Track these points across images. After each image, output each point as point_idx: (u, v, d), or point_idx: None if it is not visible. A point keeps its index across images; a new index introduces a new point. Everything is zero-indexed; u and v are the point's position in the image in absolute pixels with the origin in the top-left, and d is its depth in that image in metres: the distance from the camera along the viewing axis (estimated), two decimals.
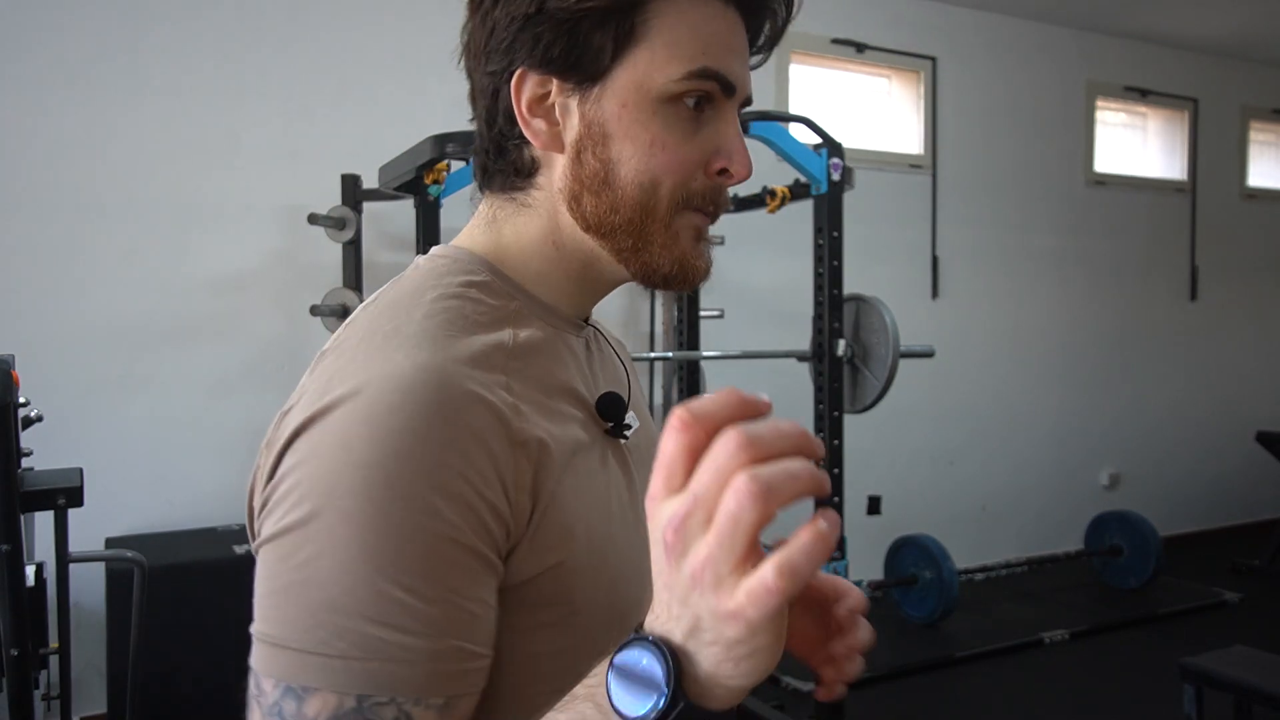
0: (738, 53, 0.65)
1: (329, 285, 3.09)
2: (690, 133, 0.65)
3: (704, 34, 0.63)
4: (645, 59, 0.63)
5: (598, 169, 0.65)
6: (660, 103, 0.63)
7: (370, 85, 3.30)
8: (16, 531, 1.50)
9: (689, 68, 0.63)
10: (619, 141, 0.64)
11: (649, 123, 0.63)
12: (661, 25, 0.63)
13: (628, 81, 0.63)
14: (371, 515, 0.52)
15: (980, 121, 4.64)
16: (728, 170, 0.66)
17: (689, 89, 0.63)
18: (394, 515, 0.52)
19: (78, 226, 2.94)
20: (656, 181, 0.64)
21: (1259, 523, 5.43)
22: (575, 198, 0.66)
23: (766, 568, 0.41)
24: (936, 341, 3.27)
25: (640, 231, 0.66)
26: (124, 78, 2.98)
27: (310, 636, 0.52)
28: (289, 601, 0.53)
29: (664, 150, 0.64)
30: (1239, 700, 2.18)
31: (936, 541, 3.86)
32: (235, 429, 3.13)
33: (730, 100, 0.66)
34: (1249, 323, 5.64)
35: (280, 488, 0.56)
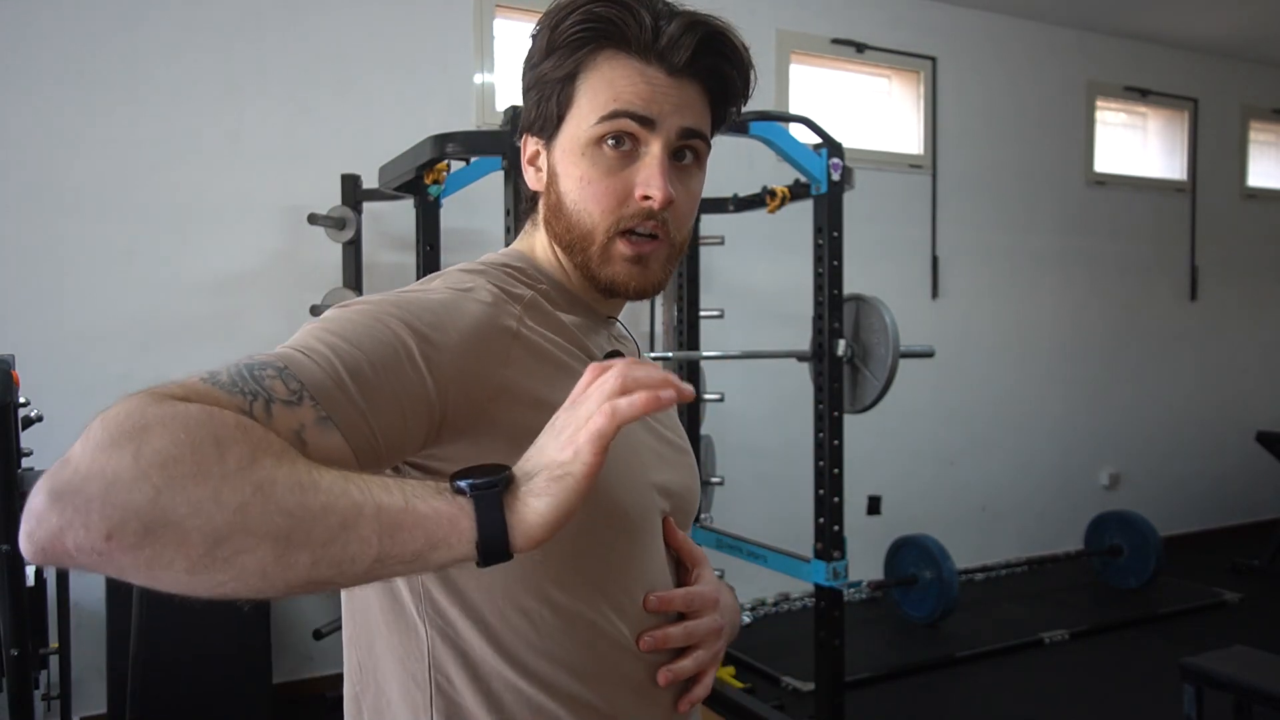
0: (658, 99, 0.79)
1: (329, 285, 3.09)
2: (616, 169, 0.81)
3: (617, 87, 0.80)
4: (577, 116, 0.81)
5: (555, 201, 0.84)
6: (587, 146, 0.81)
7: (370, 85, 3.30)
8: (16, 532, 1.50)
9: (600, 113, 0.80)
10: (563, 179, 0.83)
11: (578, 162, 0.81)
12: (586, 88, 0.81)
13: (567, 134, 0.82)
14: (388, 321, 0.71)
15: (980, 121, 4.64)
16: (649, 197, 0.80)
17: (605, 131, 0.80)
18: (399, 331, 0.70)
19: (77, 226, 2.94)
20: (587, 209, 0.81)
21: (1259, 523, 5.43)
22: (548, 222, 0.86)
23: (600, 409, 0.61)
24: (936, 341, 3.27)
25: (583, 250, 0.83)
26: (124, 77, 2.98)
27: (296, 342, 0.69)
28: (307, 330, 0.71)
29: (589, 185, 0.81)
30: (1239, 700, 2.18)
31: (936, 541, 3.86)
32: None
33: (654, 134, 0.80)
34: (1249, 323, 5.64)
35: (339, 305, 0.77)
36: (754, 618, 4.00)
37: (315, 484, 0.55)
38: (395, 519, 0.57)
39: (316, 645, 3.14)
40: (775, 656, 3.48)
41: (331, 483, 0.56)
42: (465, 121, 3.42)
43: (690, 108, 0.82)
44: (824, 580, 2.62)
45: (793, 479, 3.66)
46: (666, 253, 0.84)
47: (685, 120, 0.81)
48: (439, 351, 0.70)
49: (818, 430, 2.72)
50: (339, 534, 0.55)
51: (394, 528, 0.56)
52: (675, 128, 0.81)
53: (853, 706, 2.80)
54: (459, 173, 2.82)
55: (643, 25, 0.79)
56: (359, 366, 0.65)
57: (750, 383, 3.86)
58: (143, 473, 0.52)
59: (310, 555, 0.55)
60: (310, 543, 0.54)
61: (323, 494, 0.55)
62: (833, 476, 2.66)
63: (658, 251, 0.83)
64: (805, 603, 4.06)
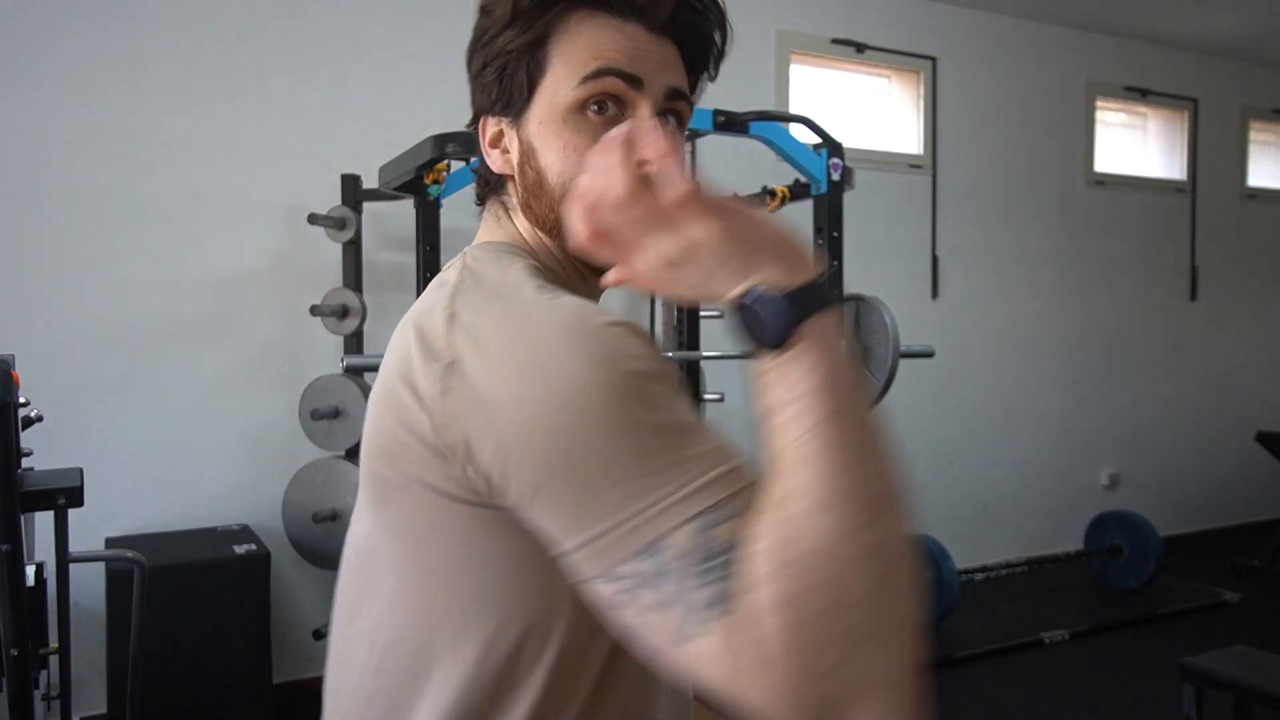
0: (641, 56, 0.73)
1: (329, 285, 3.09)
2: (601, 135, 0.69)
3: (596, 45, 0.73)
4: (552, 83, 0.74)
5: (534, 177, 0.76)
6: (567, 111, 0.74)
7: (370, 85, 3.30)
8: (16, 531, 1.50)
9: (581, 74, 0.73)
10: (542, 152, 0.75)
11: (560, 130, 0.74)
12: (560, 52, 0.74)
13: (542, 103, 0.75)
14: (616, 391, 0.59)
15: (980, 121, 4.64)
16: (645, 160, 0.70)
17: (589, 93, 0.73)
18: (639, 387, 0.60)
19: (78, 226, 2.94)
20: (575, 180, 0.70)
21: (1259, 523, 5.43)
22: (526, 205, 0.78)
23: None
24: (936, 341, 3.27)
25: None
26: (124, 77, 2.98)
27: (623, 506, 0.57)
28: (586, 491, 0.58)
29: (575, 152, 0.73)
30: (1239, 700, 2.18)
31: (936, 541, 3.86)
32: (235, 429, 3.13)
33: (641, 94, 0.73)
34: (1249, 323, 5.64)
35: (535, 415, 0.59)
36: None
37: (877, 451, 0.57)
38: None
39: (316, 645, 3.13)
40: None
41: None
42: (465, 121, 3.42)
43: (673, 67, 0.76)
44: None
45: None
46: None
47: (671, 79, 0.75)
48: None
49: None
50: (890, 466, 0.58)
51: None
52: (662, 87, 0.75)
53: None
54: (459, 173, 2.82)
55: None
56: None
57: (750, 383, 3.85)
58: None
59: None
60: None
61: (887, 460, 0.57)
62: None
63: None
64: None
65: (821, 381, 0.56)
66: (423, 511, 0.66)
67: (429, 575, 0.68)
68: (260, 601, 2.77)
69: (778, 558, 0.52)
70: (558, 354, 0.60)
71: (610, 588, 0.57)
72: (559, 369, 0.59)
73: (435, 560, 0.67)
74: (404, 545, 0.69)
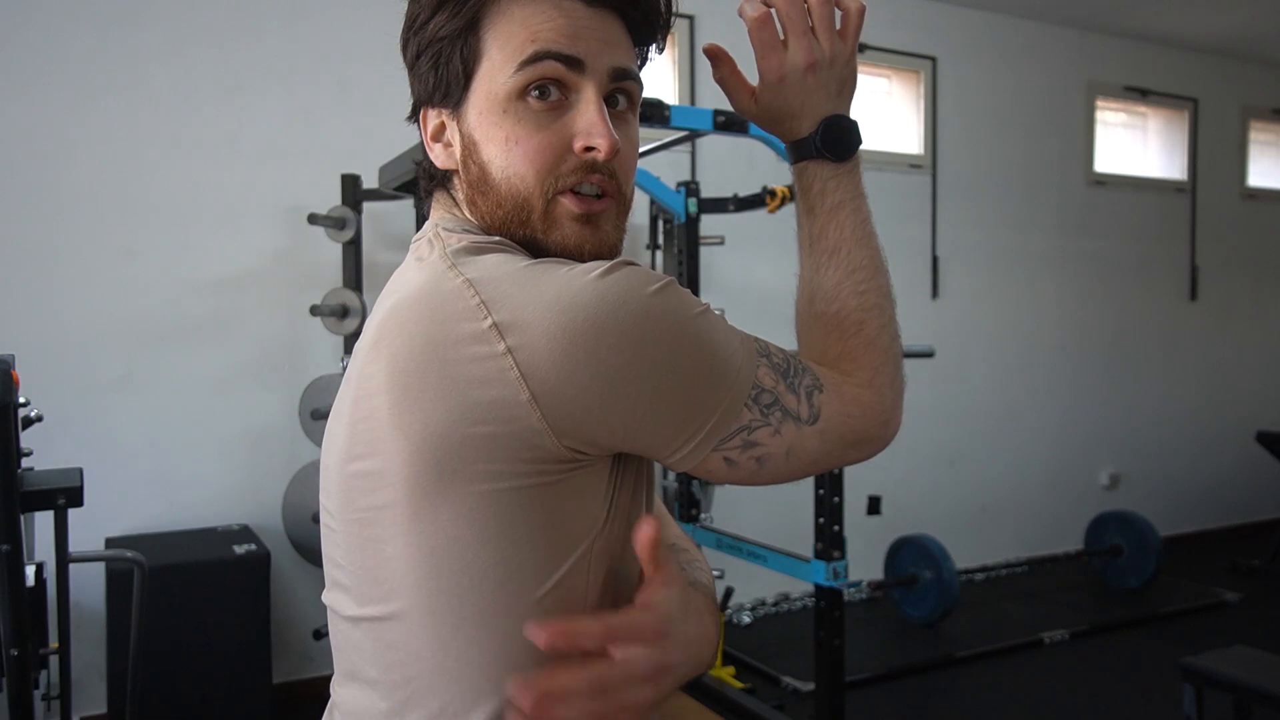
0: (583, 35, 0.69)
1: (329, 285, 3.09)
2: (546, 122, 0.70)
3: (532, 27, 0.69)
4: (488, 70, 0.70)
5: (478, 172, 0.73)
6: (506, 100, 0.70)
7: (370, 85, 3.30)
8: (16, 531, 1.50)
9: (518, 59, 0.69)
10: (484, 145, 0.72)
11: (500, 121, 0.70)
12: (494, 36, 0.70)
13: (479, 93, 0.71)
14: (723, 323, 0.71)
15: (980, 121, 4.64)
16: (592, 148, 0.70)
17: (527, 79, 0.69)
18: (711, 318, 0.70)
19: (78, 226, 2.94)
20: (520, 173, 0.70)
21: (1259, 523, 5.43)
22: (471, 201, 0.75)
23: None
24: (936, 341, 3.27)
25: (524, 222, 0.72)
26: (124, 77, 2.98)
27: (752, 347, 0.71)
28: (704, 369, 0.67)
29: (518, 144, 0.70)
30: (1239, 700, 2.18)
31: (936, 541, 3.86)
32: (235, 429, 3.13)
33: (584, 77, 0.70)
34: (1249, 323, 5.64)
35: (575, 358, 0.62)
36: (754, 618, 4.00)
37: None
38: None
39: (316, 645, 3.14)
40: (775, 656, 3.48)
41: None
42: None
43: (617, 44, 0.71)
44: (824, 580, 2.62)
45: None
46: (617, 210, 0.74)
47: (616, 59, 0.71)
48: None
49: None
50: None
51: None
52: (606, 68, 0.70)
53: (853, 706, 2.80)
54: None
55: None
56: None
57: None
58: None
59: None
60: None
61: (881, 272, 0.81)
62: (833, 476, 2.66)
63: (609, 210, 0.73)
64: (805, 603, 4.06)
65: (862, 190, 0.83)
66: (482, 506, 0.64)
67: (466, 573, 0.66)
68: (260, 601, 2.77)
69: (870, 300, 0.77)
70: (592, 301, 0.62)
71: (735, 440, 0.68)
72: (607, 312, 0.62)
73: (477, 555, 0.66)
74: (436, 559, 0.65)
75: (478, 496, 0.63)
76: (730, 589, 3.25)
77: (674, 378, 0.64)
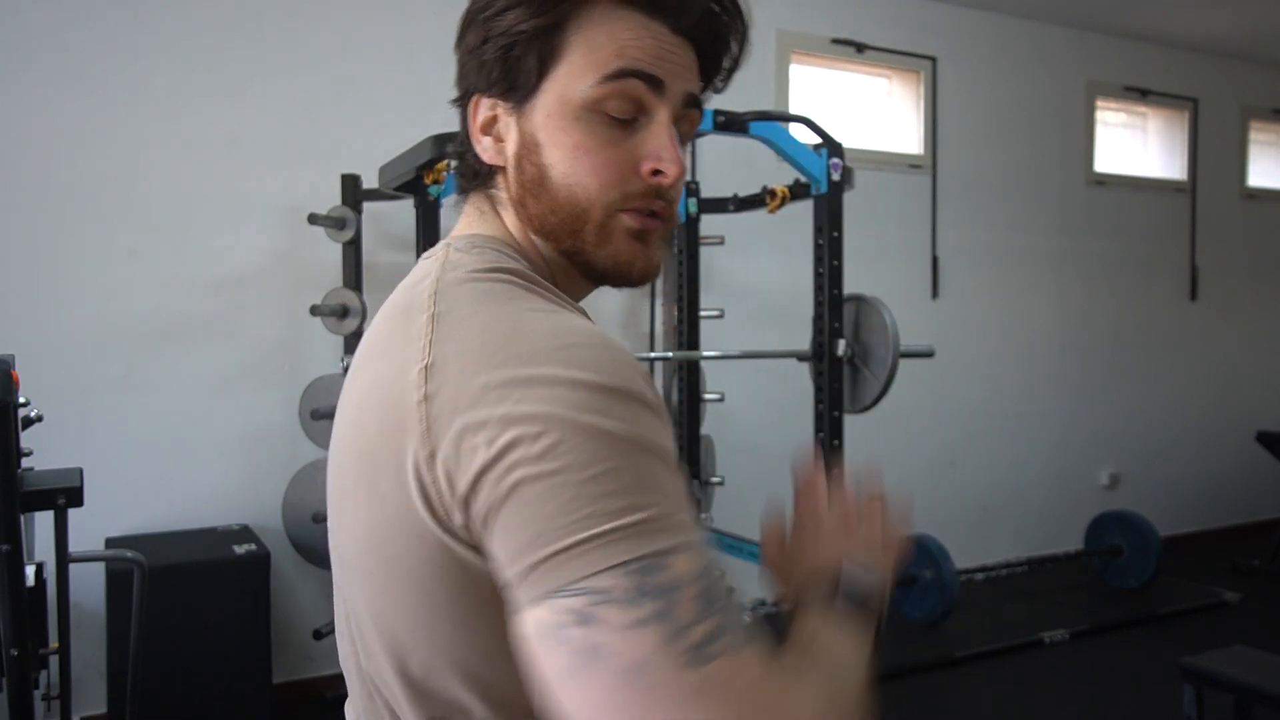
0: (666, 57, 0.68)
1: (329, 285, 3.09)
2: (617, 138, 0.68)
3: (620, 41, 0.67)
4: (566, 73, 0.68)
5: (535, 174, 0.70)
6: (581, 109, 0.68)
7: (370, 85, 3.30)
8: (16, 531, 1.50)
9: (603, 72, 0.67)
10: (548, 148, 0.69)
11: (571, 129, 0.68)
12: (580, 40, 0.68)
13: (552, 94, 0.68)
14: (641, 410, 0.58)
15: (980, 121, 4.64)
16: (660, 171, 0.69)
17: (608, 93, 0.67)
18: (656, 412, 0.59)
19: (78, 226, 2.94)
20: (583, 184, 0.68)
21: (1259, 523, 5.43)
22: (521, 202, 0.72)
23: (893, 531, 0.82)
24: (936, 341, 3.27)
25: (575, 232, 0.70)
26: (124, 77, 2.98)
27: (640, 506, 0.54)
28: (591, 500, 0.53)
29: (587, 154, 0.68)
30: (1239, 700, 2.18)
31: (936, 541, 3.86)
32: (235, 429, 3.13)
33: (661, 99, 0.69)
34: (1249, 323, 5.64)
35: (523, 424, 0.55)
36: (754, 618, 4.00)
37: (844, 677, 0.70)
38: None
39: (316, 645, 3.13)
40: None
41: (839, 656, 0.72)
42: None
43: (692, 72, 0.71)
44: None
45: None
46: (664, 232, 0.74)
47: (689, 85, 0.71)
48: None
49: (818, 430, 2.72)
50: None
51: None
52: (681, 94, 0.70)
53: None
54: None
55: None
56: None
57: (750, 383, 3.86)
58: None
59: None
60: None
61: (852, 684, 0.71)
62: None
63: (659, 231, 0.72)
64: None
65: (865, 642, 0.75)
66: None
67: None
68: (260, 601, 2.77)
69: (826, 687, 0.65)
70: (545, 364, 0.57)
71: (576, 600, 0.52)
72: (545, 382, 0.56)
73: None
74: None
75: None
76: (730, 589, 3.25)
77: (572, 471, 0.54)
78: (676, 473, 0.58)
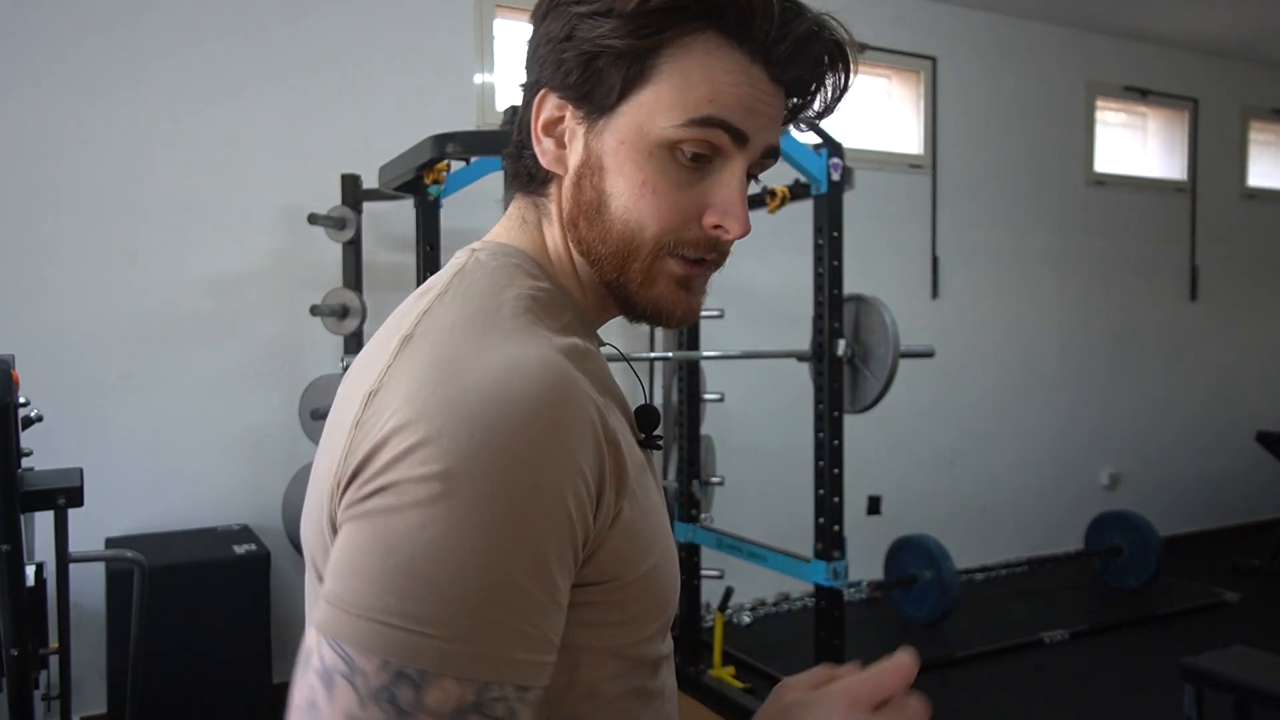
0: (758, 109, 0.64)
1: (329, 285, 3.09)
2: (688, 182, 0.65)
3: (715, 84, 0.62)
4: (650, 101, 0.63)
5: (594, 198, 0.66)
6: (658, 146, 0.64)
7: (370, 85, 3.30)
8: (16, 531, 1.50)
9: (690, 115, 0.63)
10: (613, 176, 0.65)
11: (643, 164, 0.64)
12: (672, 71, 0.63)
13: (630, 120, 0.64)
14: (508, 501, 0.52)
15: (980, 121, 4.64)
16: (722, 227, 0.66)
17: (688, 136, 0.63)
18: (529, 504, 0.52)
19: (78, 226, 2.94)
20: (642, 223, 0.65)
21: (1259, 523, 5.44)
22: (573, 221, 0.68)
23: None
24: (936, 341, 3.27)
25: (622, 266, 0.66)
26: (124, 78, 2.98)
27: (432, 615, 0.50)
28: (406, 577, 0.51)
29: (654, 194, 0.64)
30: (1239, 700, 2.18)
31: (936, 541, 3.86)
32: (235, 429, 3.14)
33: (741, 151, 0.65)
34: (1249, 323, 5.64)
35: (399, 467, 0.53)
36: (754, 618, 4.00)
37: None
38: None
39: None
40: (775, 656, 3.48)
41: None
42: (465, 121, 3.42)
43: (777, 124, 0.67)
44: (824, 580, 2.62)
45: (793, 479, 3.66)
46: (708, 277, 0.70)
47: (772, 138, 0.66)
48: (570, 535, 0.55)
49: (818, 430, 2.72)
50: None
51: None
52: (763, 146, 0.66)
53: None
54: (459, 173, 2.82)
55: (769, 14, 0.62)
56: (533, 610, 0.53)
57: (750, 383, 3.86)
58: None
59: None
60: None
61: None
62: (833, 476, 2.66)
63: (703, 276, 0.69)
64: (805, 603, 4.06)
65: None
66: None
67: None
68: (260, 601, 2.77)
69: None
70: (460, 411, 0.53)
71: (330, 655, 0.52)
72: (448, 435, 0.52)
73: None
74: None
75: None
76: (730, 589, 3.25)
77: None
78: (540, 577, 0.53)
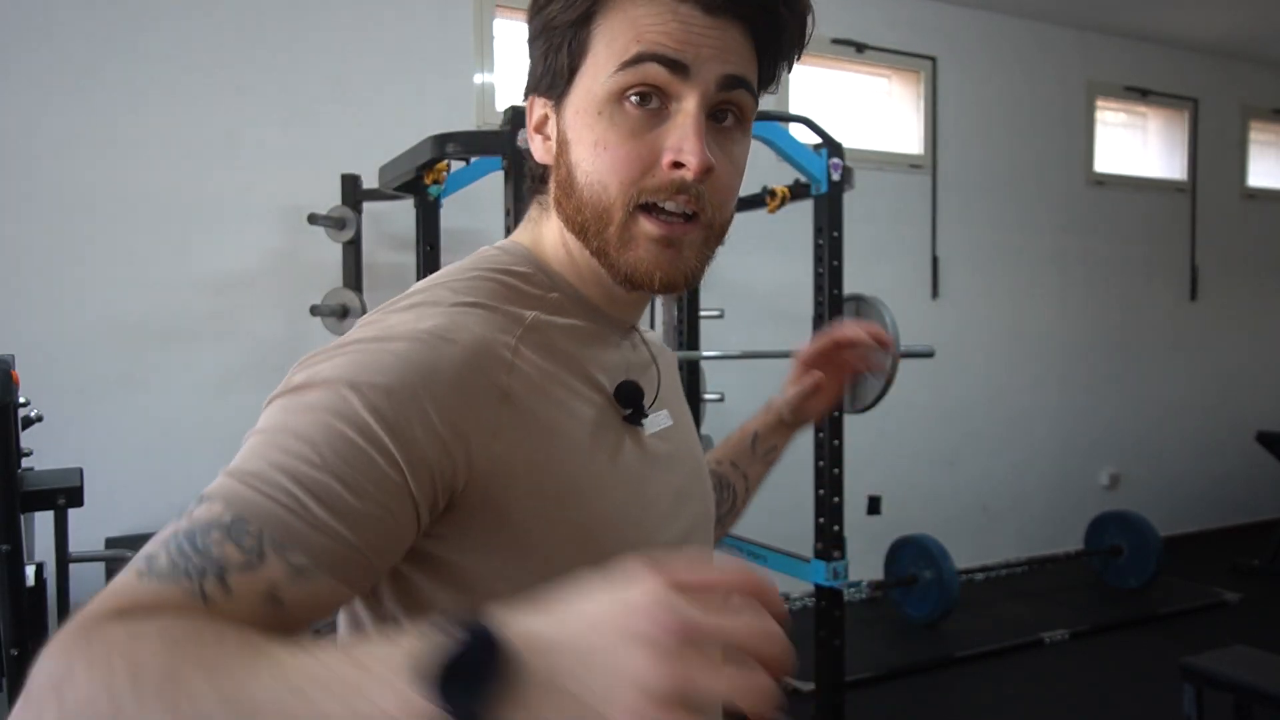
0: (692, 39, 0.64)
1: (329, 285, 3.09)
2: (638, 130, 0.65)
3: (640, 26, 0.64)
4: (591, 66, 0.66)
5: (565, 174, 0.69)
6: (604, 103, 0.65)
7: (370, 85, 3.30)
8: (16, 531, 1.50)
9: (620, 59, 0.64)
10: (574, 146, 0.67)
11: (594, 124, 0.66)
12: (603, 33, 0.65)
13: (579, 91, 0.67)
14: (348, 411, 0.58)
15: (980, 121, 4.64)
16: (681, 164, 0.64)
17: (626, 81, 0.64)
18: (364, 419, 0.58)
19: (78, 226, 2.94)
20: (604, 182, 0.66)
21: (1259, 523, 5.43)
22: (558, 201, 0.71)
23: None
24: (936, 341, 3.26)
25: (600, 233, 0.68)
26: (124, 78, 2.98)
27: (244, 468, 0.59)
28: (257, 444, 0.61)
29: (606, 150, 0.65)
30: (1239, 700, 2.18)
31: (936, 541, 3.86)
32: (235, 429, 3.11)
33: (687, 85, 0.64)
34: (1249, 323, 5.64)
35: (301, 368, 0.65)
36: None
37: (251, 706, 0.46)
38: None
39: None
40: None
41: (267, 698, 0.46)
42: (465, 121, 3.42)
43: (734, 53, 0.65)
44: (824, 580, 2.62)
45: (793, 479, 3.65)
46: (703, 236, 0.69)
47: (727, 66, 0.65)
48: (411, 444, 0.58)
49: (818, 430, 2.72)
50: None
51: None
52: (715, 76, 0.64)
53: (853, 706, 2.80)
54: (459, 173, 2.82)
55: None
56: (328, 489, 0.55)
57: (750, 383, 3.85)
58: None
59: None
60: None
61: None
62: (833, 476, 2.66)
63: (692, 234, 0.67)
64: (805, 603, 4.06)
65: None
66: None
67: None
68: None
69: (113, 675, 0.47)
70: (360, 346, 0.63)
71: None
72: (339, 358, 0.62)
73: None
74: None
75: None
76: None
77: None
78: (340, 442, 0.57)
